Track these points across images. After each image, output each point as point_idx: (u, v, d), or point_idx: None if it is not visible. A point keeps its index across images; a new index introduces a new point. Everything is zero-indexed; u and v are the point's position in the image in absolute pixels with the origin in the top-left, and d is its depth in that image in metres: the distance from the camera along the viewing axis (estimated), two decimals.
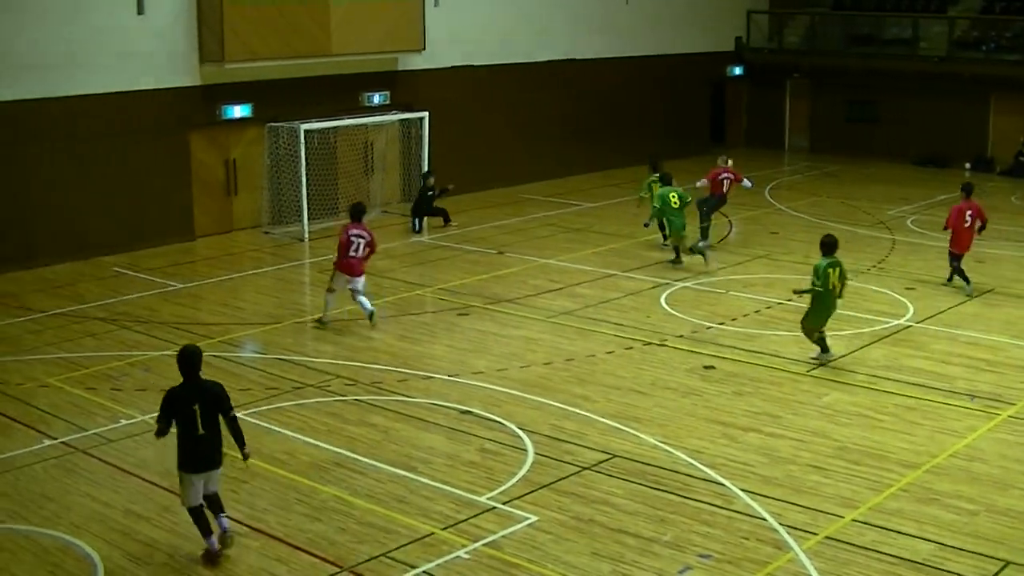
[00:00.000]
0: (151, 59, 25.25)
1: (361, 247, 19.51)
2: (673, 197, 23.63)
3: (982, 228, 22.38)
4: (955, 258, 22.19)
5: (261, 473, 13.83)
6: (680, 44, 38.72)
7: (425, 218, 27.94)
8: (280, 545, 12.06)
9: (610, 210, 26.62)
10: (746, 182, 26.61)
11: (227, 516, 11.88)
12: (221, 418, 11.68)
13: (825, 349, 18.03)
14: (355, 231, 19.54)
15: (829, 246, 17.77)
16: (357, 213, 19.86)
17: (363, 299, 19.69)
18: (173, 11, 25.45)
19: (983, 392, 16.71)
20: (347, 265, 19.50)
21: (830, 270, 17.62)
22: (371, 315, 19.69)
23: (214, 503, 11.79)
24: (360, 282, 19.66)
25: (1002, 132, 37.02)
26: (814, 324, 17.94)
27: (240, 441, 11.82)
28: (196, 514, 11.68)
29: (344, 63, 28.38)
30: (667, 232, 24.61)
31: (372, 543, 12.08)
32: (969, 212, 22.06)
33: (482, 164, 32.43)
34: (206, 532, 11.68)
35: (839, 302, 18.08)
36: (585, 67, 35.39)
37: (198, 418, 11.47)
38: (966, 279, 21.98)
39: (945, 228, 22.41)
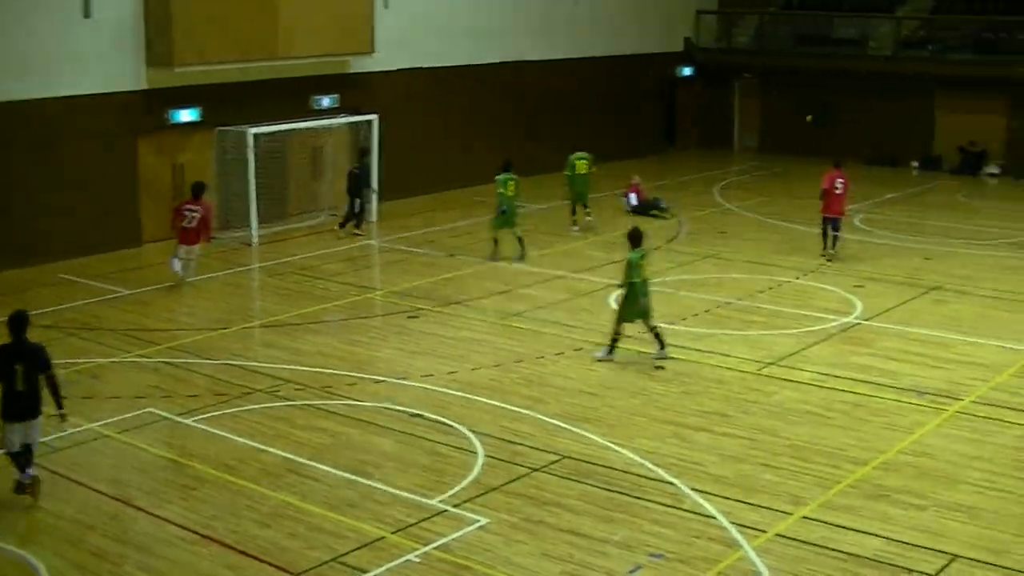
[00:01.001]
0: (98, 63, 24.94)
1: (195, 220, 22.07)
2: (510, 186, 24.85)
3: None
4: (830, 223, 24.61)
5: (210, 480, 13.74)
6: (630, 45, 38.76)
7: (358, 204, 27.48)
8: (230, 552, 11.97)
9: (561, 212, 26.58)
10: (628, 199, 29.82)
11: (34, 470, 13.03)
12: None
13: (612, 351, 18.22)
14: (189, 206, 22.28)
15: (637, 238, 18.23)
16: (196, 191, 22.59)
17: (187, 264, 22.47)
18: (121, 14, 25.15)
19: (931, 388, 16.85)
20: (183, 235, 22.21)
21: (642, 261, 18.05)
22: (181, 280, 22.40)
23: (27, 456, 13.00)
24: (194, 251, 22.46)
25: (947, 131, 37.28)
26: (629, 315, 18.16)
27: (57, 400, 13.01)
28: (14, 457, 12.99)
29: (294, 66, 28.22)
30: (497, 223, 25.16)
31: (323, 548, 12.02)
32: (839, 180, 24.44)
33: (433, 167, 32.33)
34: (21, 468, 13.00)
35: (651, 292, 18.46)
36: (536, 69, 35.36)
37: (19, 376, 12.77)
38: (827, 243, 24.66)
39: (822, 197, 24.59)
